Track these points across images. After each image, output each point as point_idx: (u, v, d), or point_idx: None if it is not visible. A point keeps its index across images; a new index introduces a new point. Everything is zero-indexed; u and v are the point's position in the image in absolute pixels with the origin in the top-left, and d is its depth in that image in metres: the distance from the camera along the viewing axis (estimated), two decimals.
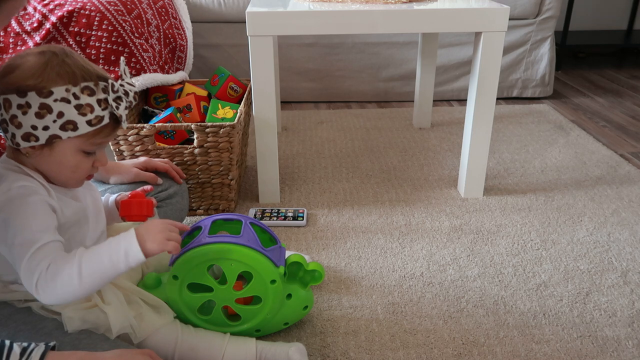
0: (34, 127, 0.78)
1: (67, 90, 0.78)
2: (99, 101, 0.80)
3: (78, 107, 0.79)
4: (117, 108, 0.82)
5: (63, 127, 0.79)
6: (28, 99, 0.77)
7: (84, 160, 0.84)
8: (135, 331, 0.87)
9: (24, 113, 0.77)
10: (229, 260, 0.93)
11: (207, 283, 0.95)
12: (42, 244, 0.77)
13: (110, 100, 0.81)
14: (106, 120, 0.82)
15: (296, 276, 1.00)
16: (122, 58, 0.91)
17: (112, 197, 1.03)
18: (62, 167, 0.83)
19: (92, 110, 0.80)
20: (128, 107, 0.85)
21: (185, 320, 0.97)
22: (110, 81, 0.82)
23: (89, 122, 0.80)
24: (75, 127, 0.79)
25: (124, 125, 0.85)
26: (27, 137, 0.79)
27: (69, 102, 0.78)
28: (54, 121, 0.78)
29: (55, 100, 0.77)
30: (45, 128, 0.78)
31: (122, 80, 0.85)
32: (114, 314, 0.84)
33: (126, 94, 0.84)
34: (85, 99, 0.79)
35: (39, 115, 0.77)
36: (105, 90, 0.81)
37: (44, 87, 0.77)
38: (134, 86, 0.86)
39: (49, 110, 0.77)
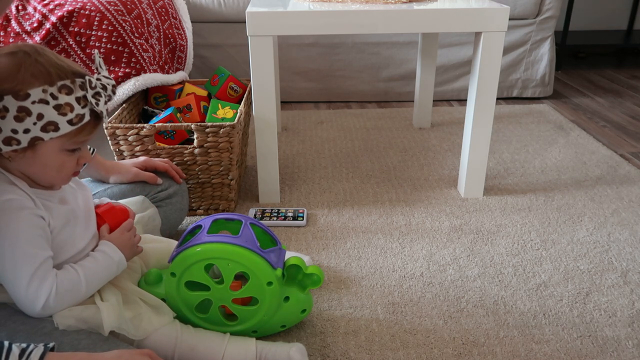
0: (14, 131, 0.77)
1: (44, 91, 0.76)
2: (77, 99, 0.79)
3: (57, 108, 0.77)
4: (97, 104, 0.81)
5: (44, 129, 0.77)
6: (5, 103, 0.75)
7: (68, 159, 0.83)
8: (129, 332, 0.87)
9: (2, 117, 0.76)
10: (226, 260, 0.93)
11: (203, 281, 0.95)
12: (40, 263, 0.80)
13: (89, 97, 0.80)
14: (87, 118, 0.81)
15: (295, 279, 1.00)
16: (95, 51, 0.89)
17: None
18: (46, 168, 0.82)
19: (72, 109, 0.78)
20: (107, 102, 0.84)
21: (183, 318, 0.97)
22: (87, 77, 0.80)
23: (69, 122, 0.79)
24: (56, 128, 0.78)
25: (105, 120, 0.84)
26: (8, 141, 0.77)
27: (47, 103, 0.76)
28: (34, 123, 0.77)
29: (33, 102, 0.76)
30: (26, 131, 0.77)
31: (98, 74, 0.84)
32: (107, 311, 0.84)
33: (104, 88, 0.83)
34: (63, 99, 0.78)
35: (18, 119, 0.76)
36: (83, 87, 0.80)
37: (20, 89, 0.75)
38: (110, 79, 0.85)
39: (28, 113, 0.76)
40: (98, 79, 0.83)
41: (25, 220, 0.80)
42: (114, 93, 0.86)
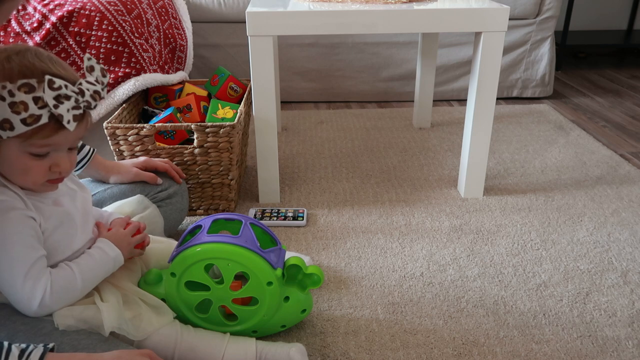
0: None
1: (2, 87, 0.74)
2: (35, 99, 0.75)
3: (11, 105, 0.74)
4: (56, 107, 0.76)
5: (0, 126, 0.75)
6: None
7: (34, 163, 0.80)
8: (129, 332, 0.87)
9: None
10: (226, 260, 0.93)
11: (203, 282, 0.95)
12: (32, 262, 0.80)
13: (47, 99, 0.75)
14: (44, 120, 0.76)
15: (295, 279, 1.00)
16: (86, 55, 0.85)
17: (110, 217, 1.02)
18: (12, 169, 0.80)
19: (26, 109, 0.75)
20: (84, 107, 0.80)
21: (183, 318, 0.97)
22: (47, 77, 0.76)
23: (23, 121, 0.75)
24: (11, 127, 0.75)
25: (70, 127, 0.78)
26: None
27: (3, 99, 0.74)
28: None
29: None
30: None
31: (84, 78, 0.81)
32: (107, 312, 0.84)
33: (80, 93, 0.79)
34: (20, 97, 0.74)
35: None
36: (44, 88, 0.76)
37: None
38: (94, 85, 0.81)
39: None
40: (80, 83, 0.79)
41: (16, 221, 0.79)
42: (94, 99, 0.81)
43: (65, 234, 0.87)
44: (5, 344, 0.70)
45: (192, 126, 1.32)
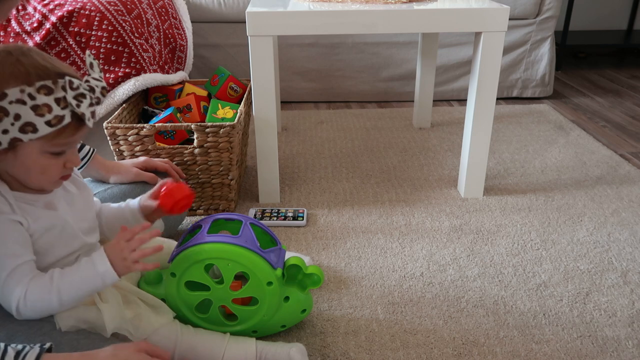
0: None
1: (21, 91, 0.74)
2: (57, 100, 0.76)
3: (34, 108, 0.74)
4: (78, 106, 0.77)
5: (22, 130, 0.75)
6: None
7: (51, 162, 0.81)
8: (131, 332, 0.86)
9: None
10: (226, 260, 0.93)
11: (203, 281, 0.95)
12: (12, 269, 0.79)
13: (69, 99, 0.76)
14: (67, 120, 0.77)
15: (295, 279, 1.00)
16: (87, 52, 0.86)
17: (134, 202, 1.00)
18: (29, 170, 0.80)
19: (50, 110, 0.75)
20: (95, 104, 0.81)
21: (183, 318, 0.97)
22: (67, 78, 0.77)
23: (48, 123, 0.75)
24: (34, 129, 0.75)
25: (90, 123, 0.80)
26: None
27: (24, 103, 0.74)
28: (12, 124, 0.74)
29: (11, 103, 0.73)
30: (5, 132, 0.75)
31: (88, 75, 0.82)
32: (109, 313, 0.84)
33: (91, 90, 0.80)
34: (42, 99, 0.74)
35: None
36: (64, 88, 0.77)
37: None
38: (100, 81, 0.82)
39: (5, 113, 0.74)
40: (87, 81, 0.80)
41: (1, 225, 0.79)
42: (103, 95, 0.82)
43: (57, 237, 0.86)
44: (2, 345, 0.70)
45: (192, 126, 1.32)
